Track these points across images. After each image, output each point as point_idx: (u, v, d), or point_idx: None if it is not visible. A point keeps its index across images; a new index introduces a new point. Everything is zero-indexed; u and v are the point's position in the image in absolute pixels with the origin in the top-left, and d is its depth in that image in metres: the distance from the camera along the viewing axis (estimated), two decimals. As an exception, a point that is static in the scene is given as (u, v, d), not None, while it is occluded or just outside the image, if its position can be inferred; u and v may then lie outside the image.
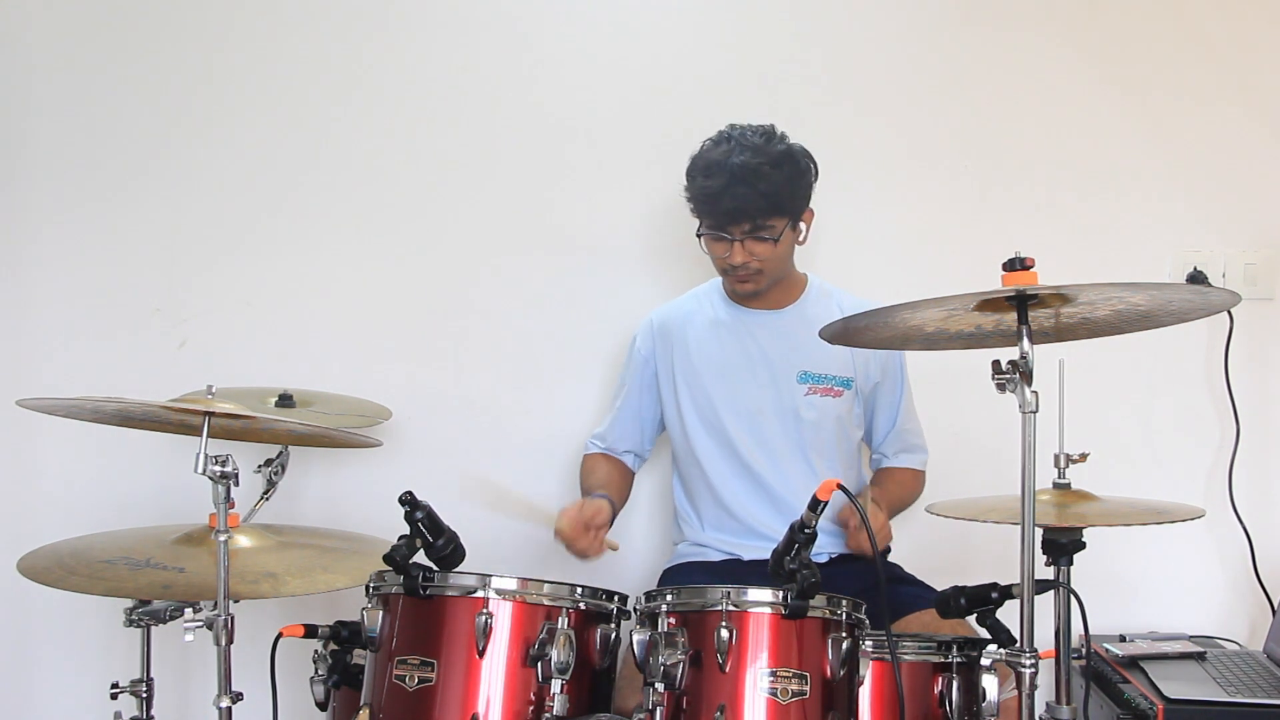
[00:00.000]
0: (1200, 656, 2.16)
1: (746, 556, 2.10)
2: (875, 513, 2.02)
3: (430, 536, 1.49)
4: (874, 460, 2.27)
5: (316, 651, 1.66)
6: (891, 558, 2.18)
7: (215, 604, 1.54)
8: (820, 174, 2.10)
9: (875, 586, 1.59)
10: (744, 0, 2.52)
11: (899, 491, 2.21)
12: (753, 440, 2.13)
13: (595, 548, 1.98)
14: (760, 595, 1.42)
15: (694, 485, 2.18)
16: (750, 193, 1.98)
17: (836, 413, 2.14)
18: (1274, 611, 2.34)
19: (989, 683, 1.53)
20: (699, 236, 2.08)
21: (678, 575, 2.16)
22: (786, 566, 1.42)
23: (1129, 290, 1.44)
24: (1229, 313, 2.38)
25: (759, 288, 2.11)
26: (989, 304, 1.48)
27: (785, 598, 1.41)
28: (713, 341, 2.17)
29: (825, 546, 2.09)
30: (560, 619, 1.46)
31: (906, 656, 1.53)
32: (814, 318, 2.13)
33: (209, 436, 1.52)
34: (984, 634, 1.53)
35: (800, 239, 2.10)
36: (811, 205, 2.10)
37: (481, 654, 1.43)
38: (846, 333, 1.64)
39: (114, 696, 1.91)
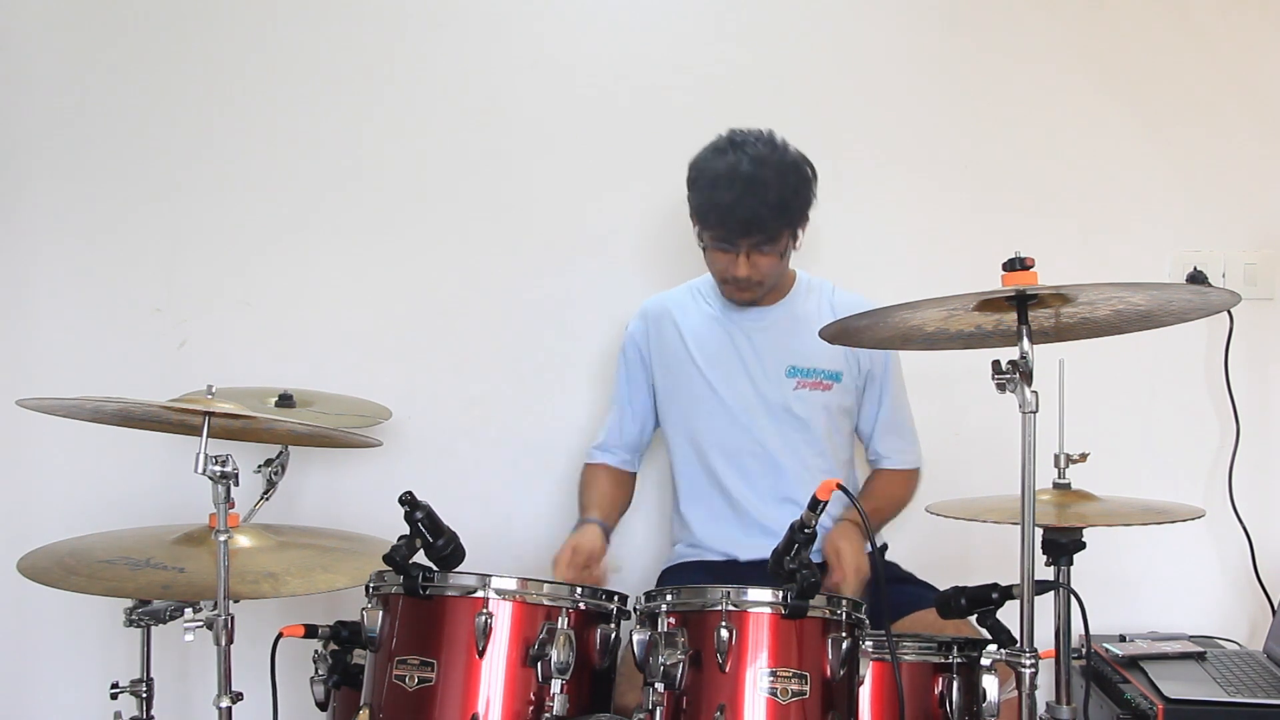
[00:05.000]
0: (1200, 656, 2.16)
1: (743, 557, 2.10)
2: (855, 553, 1.96)
3: (430, 536, 1.49)
4: (868, 459, 2.27)
5: (316, 651, 1.65)
6: (891, 557, 2.18)
7: (215, 604, 1.54)
8: (820, 174, 2.10)
9: (875, 585, 1.59)
10: (751, 3, 2.52)
11: (886, 502, 2.20)
12: (747, 434, 2.13)
13: (596, 579, 1.98)
14: (760, 595, 1.42)
15: (694, 478, 2.18)
16: (760, 205, 1.96)
17: (826, 406, 2.14)
18: (1274, 611, 2.34)
19: (989, 683, 1.53)
20: (703, 248, 2.07)
21: (676, 576, 2.16)
22: (786, 566, 1.42)
23: (1129, 290, 1.44)
24: (1229, 313, 2.38)
25: (755, 297, 2.12)
26: (989, 304, 1.48)
27: (785, 597, 1.41)
28: (704, 335, 2.18)
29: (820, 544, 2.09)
30: (560, 619, 1.46)
31: (907, 657, 1.53)
32: (803, 313, 2.14)
33: (209, 436, 1.52)
34: (984, 634, 1.53)
35: (796, 245, 2.09)
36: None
37: (481, 654, 1.43)
38: (846, 332, 1.65)
39: (114, 696, 1.91)
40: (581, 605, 1.50)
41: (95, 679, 2.04)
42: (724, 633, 1.39)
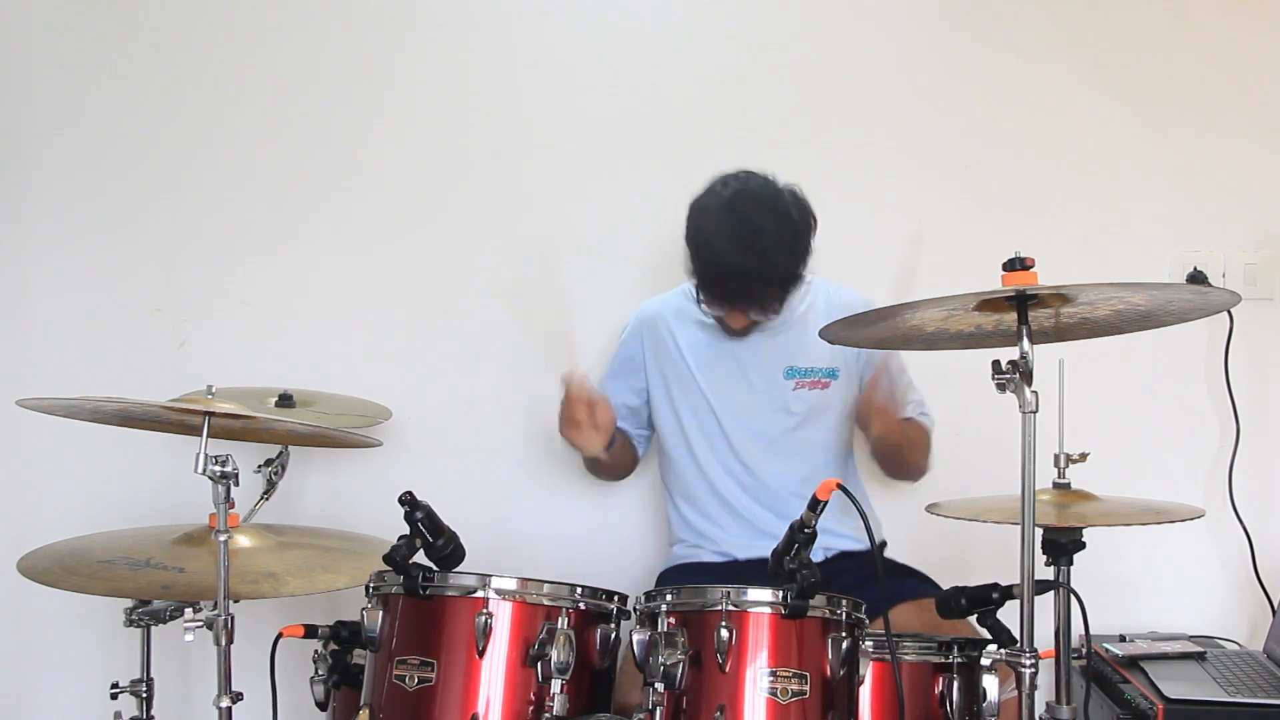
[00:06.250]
0: (1200, 656, 2.16)
1: (741, 556, 2.10)
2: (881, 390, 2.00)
3: (430, 536, 1.49)
4: None
5: (316, 651, 1.66)
6: (891, 555, 2.17)
7: (215, 604, 1.54)
8: (820, 173, 2.10)
9: (872, 579, 1.59)
10: (750, 2, 2.52)
11: (914, 430, 2.16)
12: (745, 436, 2.13)
13: (587, 421, 2.00)
14: (760, 595, 1.42)
15: (690, 482, 2.18)
16: (759, 281, 1.95)
17: (825, 405, 2.15)
18: (1274, 611, 2.34)
19: (989, 683, 1.53)
20: (699, 303, 2.06)
21: (674, 578, 2.16)
22: (786, 566, 1.42)
23: (1129, 290, 1.44)
24: (1229, 313, 2.39)
25: (744, 335, 2.12)
26: (989, 304, 1.48)
27: (785, 597, 1.41)
28: (699, 341, 2.18)
29: (822, 544, 2.07)
30: (560, 619, 1.46)
31: (907, 657, 1.53)
32: (800, 313, 2.15)
33: (209, 436, 1.52)
34: (984, 633, 1.53)
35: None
36: None
37: (481, 654, 1.43)
38: (846, 333, 1.64)
39: (114, 696, 1.91)
40: (581, 605, 1.50)
41: (95, 679, 2.04)
42: (724, 633, 1.39)
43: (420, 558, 1.49)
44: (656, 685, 1.41)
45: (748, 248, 1.92)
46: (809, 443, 2.13)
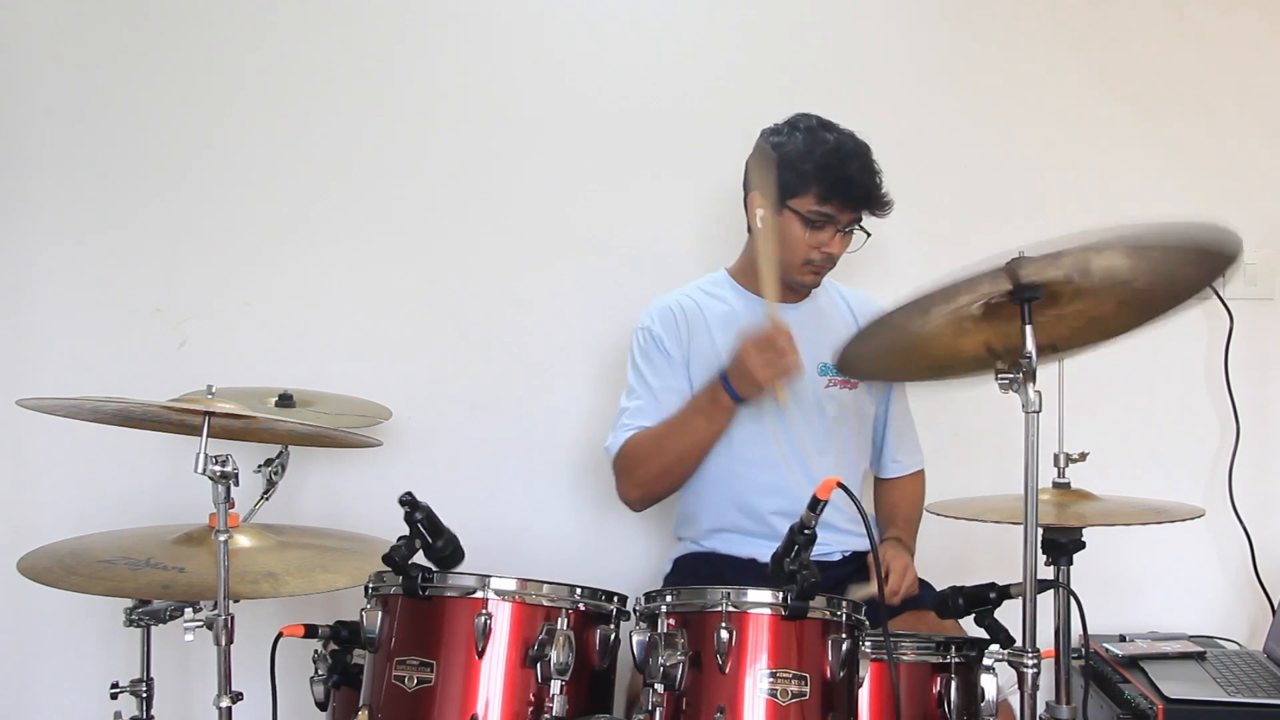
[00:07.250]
0: (1200, 656, 2.16)
1: (762, 558, 2.07)
2: (905, 565, 2.02)
3: (430, 537, 1.49)
4: (879, 465, 2.24)
5: (316, 651, 1.66)
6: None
7: (215, 604, 1.54)
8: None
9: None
10: (749, 3, 2.52)
11: (910, 509, 2.18)
12: (783, 434, 2.11)
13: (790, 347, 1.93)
14: (760, 596, 1.42)
15: (721, 473, 2.10)
16: (873, 178, 2.02)
17: (855, 405, 2.14)
18: (1274, 611, 2.34)
19: (987, 683, 1.53)
20: (810, 223, 2.00)
21: (692, 564, 2.12)
22: (786, 568, 1.42)
23: (1122, 251, 1.43)
24: (1229, 313, 2.39)
25: (818, 284, 2.11)
26: (994, 310, 1.47)
27: (785, 599, 1.41)
28: (734, 335, 2.08)
29: (838, 544, 2.07)
30: (559, 620, 1.46)
31: (905, 657, 1.53)
32: (826, 310, 2.14)
33: (209, 436, 1.52)
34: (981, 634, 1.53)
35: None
36: None
37: (481, 655, 1.43)
38: (858, 349, 1.66)
39: (114, 696, 1.91)
40: (581, 606, 1.49)
41: (95, 679, 2.05)
42: (724, 634, 1.38)
43: (420, 558, 1.49)
44: (656, 686, 1.41)
45: (861, 152, 2.03)
46: (841, 440, 2.11)
